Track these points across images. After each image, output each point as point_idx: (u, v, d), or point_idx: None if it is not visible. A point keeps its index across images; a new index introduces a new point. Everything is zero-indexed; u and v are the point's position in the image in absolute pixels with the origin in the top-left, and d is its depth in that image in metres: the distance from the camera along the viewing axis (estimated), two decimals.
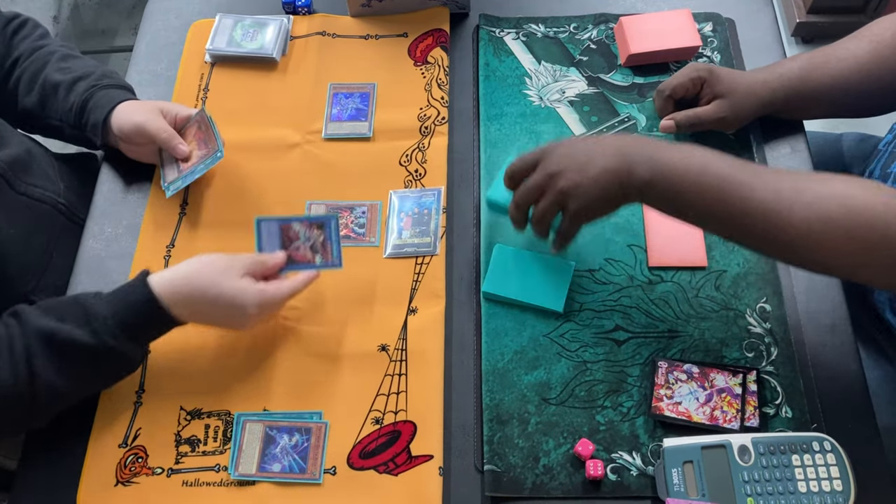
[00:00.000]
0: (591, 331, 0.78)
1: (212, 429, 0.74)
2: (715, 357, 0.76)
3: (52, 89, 0.87)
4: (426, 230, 0.84)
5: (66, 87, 0.86)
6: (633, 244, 0.82)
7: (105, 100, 0.85)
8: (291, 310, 0.80)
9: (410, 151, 0.90)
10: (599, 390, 0.75)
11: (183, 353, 0.78)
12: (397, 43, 0.98)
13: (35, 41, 0.91)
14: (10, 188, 0.81)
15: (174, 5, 1.05)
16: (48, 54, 0.89)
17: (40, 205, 0.85)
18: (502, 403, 0.74)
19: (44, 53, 0.89)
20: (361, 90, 0.94)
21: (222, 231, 0.86)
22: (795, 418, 0.72)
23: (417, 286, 0.81)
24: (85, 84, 0.87)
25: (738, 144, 0.88)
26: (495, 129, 0.90)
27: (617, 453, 0.72)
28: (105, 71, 0.90)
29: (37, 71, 0.88)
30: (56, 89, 0.87)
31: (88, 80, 0.87)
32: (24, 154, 0.85)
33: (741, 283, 0.79)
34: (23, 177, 0.83)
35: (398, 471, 0.71)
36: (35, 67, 0.88)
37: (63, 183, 0.90)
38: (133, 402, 0.76)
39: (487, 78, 0.94)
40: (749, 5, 1.00)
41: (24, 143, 0.88)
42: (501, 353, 0.77)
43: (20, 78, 0.88)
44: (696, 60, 0.94)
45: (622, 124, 0.90)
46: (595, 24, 0.98)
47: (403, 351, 0.77)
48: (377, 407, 0.75)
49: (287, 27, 0.99)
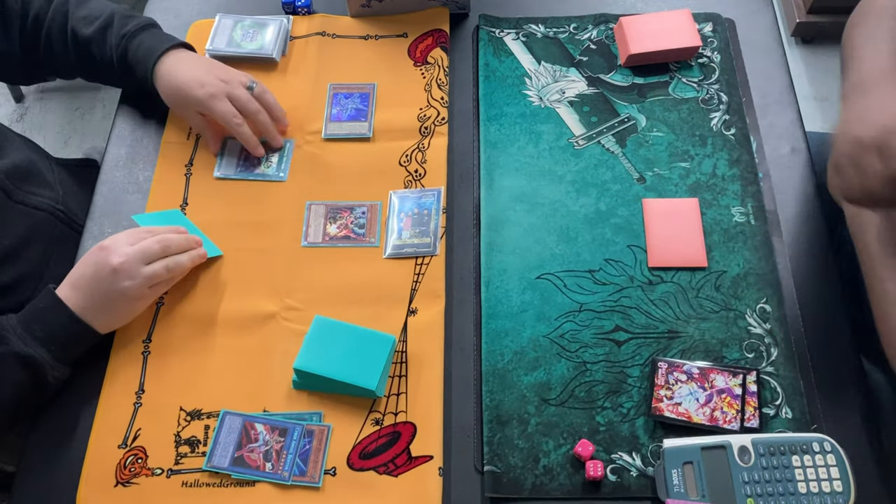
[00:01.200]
0: (591, 331, 0.78)
1: (211, 430, 0.74)
2: (715, 358, 0.76)
3: (87, 44, 0.87)
4: (426, 230, 0.84)
5: (98, 43, 0.86)
6: (633, 244, 0.82)
7: (144, 49, 0.86)
8: (291, 311, 0.80)
9: (410, 152, 0.90)
10: (599, 391, 0.75)
11: (183, 354, 0.78)
12: (397, 43, 0.98)
13: None
14: (7, 198, 0.81)
15: (173, 5, 1.05)
16: (62, 3, 0.88)
17: (37, 212, 0.85)
18: (502, 404, 0.74)
19: (58, 4, 0.88)
20: (361, 90, 0.94)
21: (221, 231, 0.86)
22: (795, 419, 0.72)
23: (417, 287, 0.81)
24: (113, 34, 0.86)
25: (738, 145, 0.88)
26: (495, 130, 0.90)
27: (617, 454, 0.72)
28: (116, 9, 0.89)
29: (62, 27, 0.87)
30: (90, 45, 0.87)
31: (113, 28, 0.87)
32: (24, 161, 0.85)
33: (741, 283, 0.79)
34: (21, 185, 0.83)
35: (398, 472, 0.71)
36: (59, 24, 0.87)
37: (62, 189, 0.90)
38: (133, 402, 0.76)
39: (487, 78, 0.94)
40: (749, 5, 1.00)
41: (24, 150, 0.87)
42: (501, 353, 0.77)
43: (49, 38, 0.88)
44: (695, 61, 0.94)
45: (622, 125, 0.90)
46: (595, 24, 0.98)
47: (403, 353, 0.77)
48: (377, 408, 0.75)
49: (287, 27, 0.99)
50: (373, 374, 0.73)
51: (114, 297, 0.74)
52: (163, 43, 0.87)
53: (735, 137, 0.88)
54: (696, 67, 0.94)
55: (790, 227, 0.83)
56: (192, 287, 0.82)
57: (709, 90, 0.92)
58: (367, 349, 0.74)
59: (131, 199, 0.89)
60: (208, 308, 0.81)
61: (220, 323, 0.80)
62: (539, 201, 0.85)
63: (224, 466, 0.72)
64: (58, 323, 0.73)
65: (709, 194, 0.85)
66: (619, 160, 0.88)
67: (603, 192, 0.86)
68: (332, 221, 0.85)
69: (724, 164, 0.87)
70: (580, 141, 0.89)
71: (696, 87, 0.92)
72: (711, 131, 0.89)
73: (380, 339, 0.75)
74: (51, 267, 0.85)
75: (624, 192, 0.85)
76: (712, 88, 0.92)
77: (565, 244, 0.82)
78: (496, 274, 0.81)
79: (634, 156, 0.88)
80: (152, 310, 0.81)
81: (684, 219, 0.83)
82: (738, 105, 0.91)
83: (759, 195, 0.85)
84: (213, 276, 0.83)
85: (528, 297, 0.80)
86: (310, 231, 0.85)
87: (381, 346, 0.75)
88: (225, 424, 0.74)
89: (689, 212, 0.83)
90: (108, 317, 0.75)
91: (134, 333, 0.80)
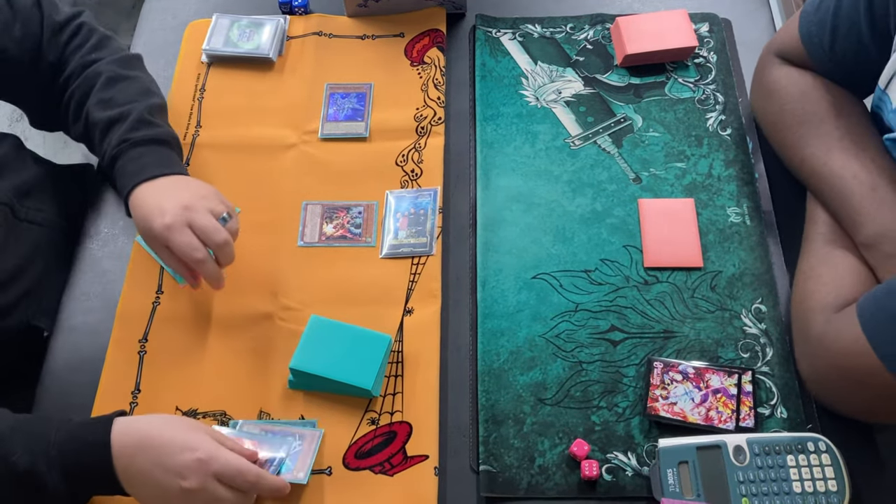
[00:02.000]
0: (587, 331, 0.78)
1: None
2: (710, 357, 0.76)
3: (92, 128, 0.80)
4: (422, 230, 0.84)
5: (102, 131, 0.79)
6: (629, 245, 0.82)
7: (132, 167, 0.77)
8: (287, 310, 0.80)
9: (407, 151, 0.90)
10: (595, 391, 0.75)
11: (179, 354, 0.78)
12: (394, 43, 0.98)
13: (86, 55, 0.83)
14: (13, 216, 0.80)
15: (171, 5, 1.05)
16: (95, 76, 0.82)
17: (41, 229, 0.84)
18: (498, 404, 0.74)
19: (91, 75, 0.82)
20: (358, 90, 0.94)
21: None
22: (790, 419, 0.72)
23: (414, 286, 0.81)
24: (118, 133, 0.78)
25: (734, 145, 0.88)
26: (491, 130, 0.90)
27: (612, 454, 0.72)
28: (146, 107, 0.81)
29: (82, 98, 0.82)
30: (94, 130, 0.80)
31: (122, 125, 0.79)
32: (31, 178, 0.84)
33: (737, 283, 0.79)
34: (26, 202, 0.82)
35: (394, 471, 0.71)
36: (81, 93, 0.82)
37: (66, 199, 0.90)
38: (129, 402, 0.76)
39: (484, 78, 0.94)
40: (745, 6, 1.00)
41: (32, 166, 0.87)
42: (497, 353, 0.77)
43: (69, 103, 0.83)
44: (692, 61, 0.94)
45: (618, 125, 0.90)
46: (591, 24, 0.98)
47: (400, 353, 0.77)
48: (373, 407, 0.75)
49: (283, 27, 0.99)
50: (369, 374, 0.73)
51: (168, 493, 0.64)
52: (153, 170, 0.77)
53: (731, 138, 0.88)
54: (693, 68, 0.94)
55: (786, 227, 0.83)
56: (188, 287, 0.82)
57: (705, 90, 0.92)
58: (363, 349, 0.74)
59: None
60: (205, 308, 0.81)
61: (217, 323, 0.80)
62: (535, 201, 0.85)
63: None
64: (95, 478, 0.64)
65: (704, 194, 0.85)
66: (616, 160, 0.88)
67: (599, 192, 0.86)
68: (329, 221, 0.85)
69: (720, 165, 0.87)
70: (576, 141, 0.89)
71: (693, 87, 0.92)
72: (707, 131, 0.89)
73: (376, 339, 0.75)
74: (50, 281, 0.84)
75: (620, 193, 0.85)
76: (708, 89, 0.92)
77: (561, 244, 0.83)
78: (492, 274, 0.81)
79: (630, 156, 0.88)
80: (149, 310, 0.81)
81: (680, 219, 0.83)
82: (734, 105, 0.91)
83: (755, 195, 0.85)
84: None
85: (524, 296, 0.80)
86: (306, 231, 0.85)
87: (377, 345, 0.75)
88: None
89: (685, 212, 0.83)
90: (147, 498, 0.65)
91: (130, 333, 0.80)
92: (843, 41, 0.73)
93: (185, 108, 0.94)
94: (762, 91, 0.84)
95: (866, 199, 0.70)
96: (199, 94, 0.95)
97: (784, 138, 0.80)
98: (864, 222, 0.70)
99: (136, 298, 0.82)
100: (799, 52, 0.79)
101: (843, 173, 0.72)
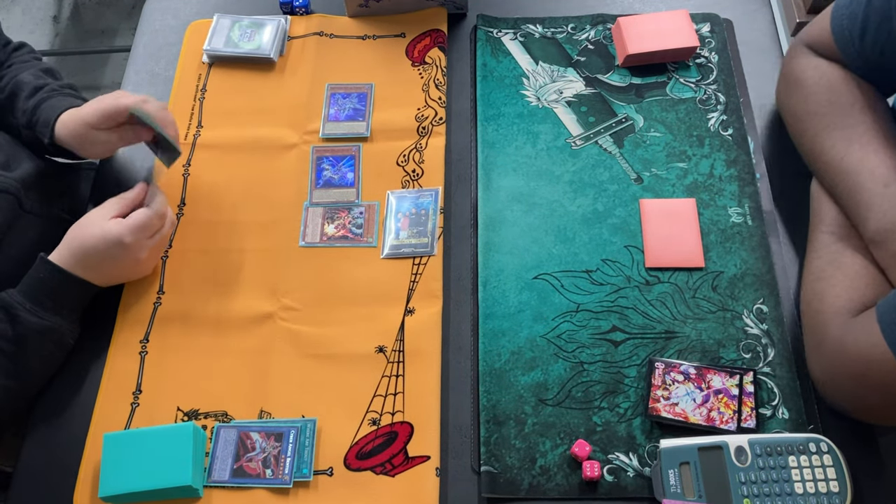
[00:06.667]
0: (588, 332, 0.78)
1: (209, 430, 0.74)
2: (712, 358, 0.76)
3: (18, 88, 0.86)
4: (423, 230, 0.84)
5: (31, 90, 0.85)
6: (631, 245, 0.82)
7: (61, 102, 0.84)
8: (288, 310, 0.80)
9: (408, 152, 0.90)
10: (596, 391, 0.75)
11: (180, 354, 0.78)
12: (395, 43, 0.98)
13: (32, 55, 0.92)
14: (19, 207, 0.81)
15: (172, 5, 1.05)
16: (35, 63, 0.89)
17: (45, 222, 0.85)
18: (499, 404, 0.74)
19: (32, 63, 0.89)
20: (359, 90, 0.94)
21: (220, 231, 0.86)
22: (792, 419, 0.72)
23: (415, 287, 0.81)
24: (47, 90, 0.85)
25: (735, 145, 0.88)
26: (492, 130, 0.90)
27: (614, 454, 0.72)
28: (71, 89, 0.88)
29: (15, 73, 0.87)
30: (21, 88, 0.86)
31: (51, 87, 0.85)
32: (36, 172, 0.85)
33: (738, 284, 0.79)
34: (31, 194, 0.83)
35: (395, 472, 0.71)
36: (15, 70, 0.88)
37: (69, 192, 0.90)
38: (130, 402, 0.76)
39: (485, 78, 0.94)
40: (747, 6, 1.00)
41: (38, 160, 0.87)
42: (498, 353, 0.77)
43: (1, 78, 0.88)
44: (693, 61, 0.94)
45: (620, 125, 0.90)
46: (593, 24, 0.98)
47: (401, 352, 0.77)
48: (374, 408, 0.75)
49: (284, 27, 0.99)
50: (183, 470, 0.69)
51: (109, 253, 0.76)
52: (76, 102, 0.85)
53: (732, 138, 0.88)
54: (694, 68, 0.94)
55: (787, 227, 0.83)
56: (189, 287, 0.82)
57: (706, 90, 0.92)
58: (168, 447, 0.70)
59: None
60: (206, 308, 0.81)
61: (218, 323, 0.80)
62: (536, 201, 0.85)
63: (225, 479, 0.71)
64: (62, 289, 0.76)
65: (706, 195, 0.85)
66: (617, 160, 0.88)
67: (600, 192, 0.86)
68: (330, 221, 0.85)
69: (722, 165, 0.87)
70: (578, 141, 0.89)
71: (694, 87, 0.92)
72: (709, 132, 0.89)
73: (179, 432, 0.71)
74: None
75: (621, 193, 0.85)
76: (710, 89, 0.92)
77: (562, 244, 0.83)
78: (493, 274, 0.81)
79: (632, 156, 0.88)
80: (150, 310, 0.81)
81: (681, 219, 0.83)
82: (735, 105, 0.91)
83: (757, 195, 0.85)
84: (211, 276, 0.83)
85: (526, 297, 0.80)
86: (307, 231, 0.85)
87: (182, 437, 0.70)
88: (220, 438, 0.73)
89: (687, 212, 0.83)
90: (108, 273, 0.79)
91: (131, 334, 0.80)
92: (874, 34, 0.72)
93: (186, 109, 0.94)
94: (789, 80, 0.82)
95: (878, 195, 0.69)
96: (200, 95, 0.95)
97: (805, 128, 0.79)
98: (873, 217, 0.69)
99: (137, 299, 0.82)
100: (829, 44, 0.78)
101: (859, 168, 0.72)
